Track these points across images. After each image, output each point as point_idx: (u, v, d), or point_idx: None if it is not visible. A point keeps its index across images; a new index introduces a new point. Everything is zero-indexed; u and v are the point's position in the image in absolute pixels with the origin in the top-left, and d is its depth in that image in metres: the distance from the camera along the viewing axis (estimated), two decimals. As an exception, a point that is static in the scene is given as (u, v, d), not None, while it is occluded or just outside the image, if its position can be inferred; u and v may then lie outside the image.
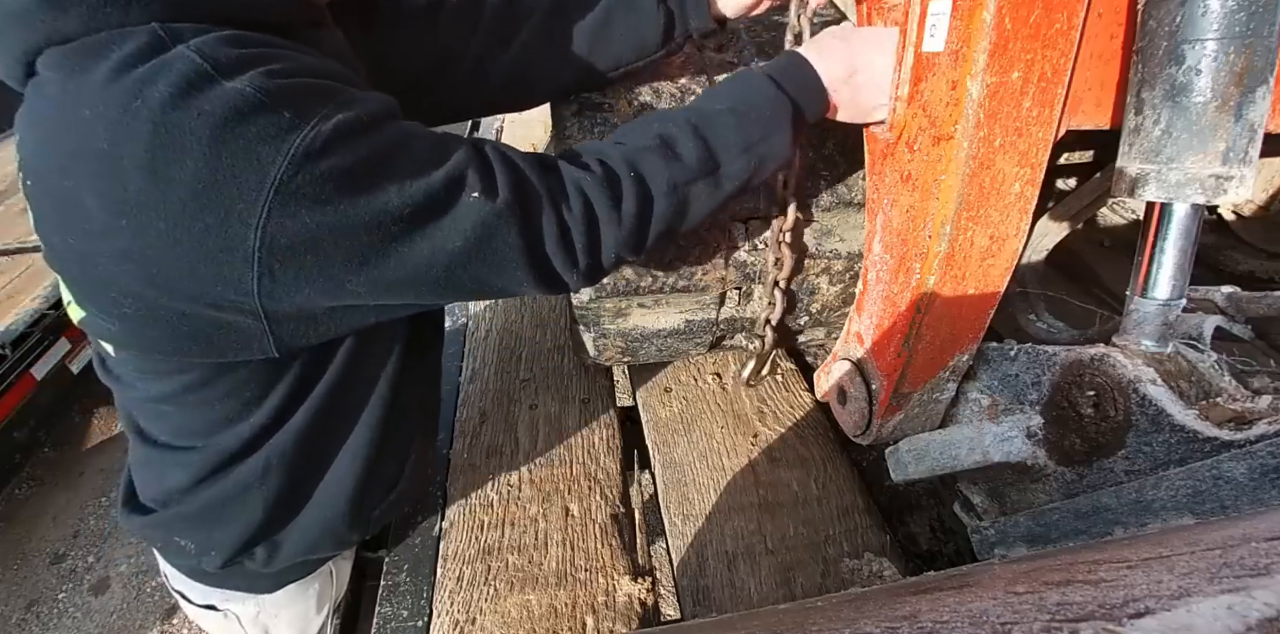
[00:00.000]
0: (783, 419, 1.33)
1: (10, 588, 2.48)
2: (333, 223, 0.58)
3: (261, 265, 0.58)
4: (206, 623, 1.06)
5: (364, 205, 0.59)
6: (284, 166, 0.55)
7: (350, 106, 0.60)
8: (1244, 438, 0.60)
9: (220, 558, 0.88)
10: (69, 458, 2.98)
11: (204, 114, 0.54)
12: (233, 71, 0.55)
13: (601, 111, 0.99)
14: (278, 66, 0.58)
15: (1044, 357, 0.80)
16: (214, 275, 0.59)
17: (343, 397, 0.82)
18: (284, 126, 0.55)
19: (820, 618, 0.48)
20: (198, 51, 0.55)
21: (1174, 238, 0.70)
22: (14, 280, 2.76)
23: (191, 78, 0.54)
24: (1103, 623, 0.26)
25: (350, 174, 0.58)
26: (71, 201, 0.59)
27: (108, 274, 0.62)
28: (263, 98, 0.55)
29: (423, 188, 0.61)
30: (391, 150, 0.61)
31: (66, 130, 0.57)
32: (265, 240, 0.57)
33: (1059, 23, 0.65)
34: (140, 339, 0.69)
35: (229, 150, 0.54)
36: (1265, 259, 1.45)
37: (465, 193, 0.63)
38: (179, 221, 0.56)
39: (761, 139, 0.74)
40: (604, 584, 1.03)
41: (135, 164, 0.55)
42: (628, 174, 0.70)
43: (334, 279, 0.62)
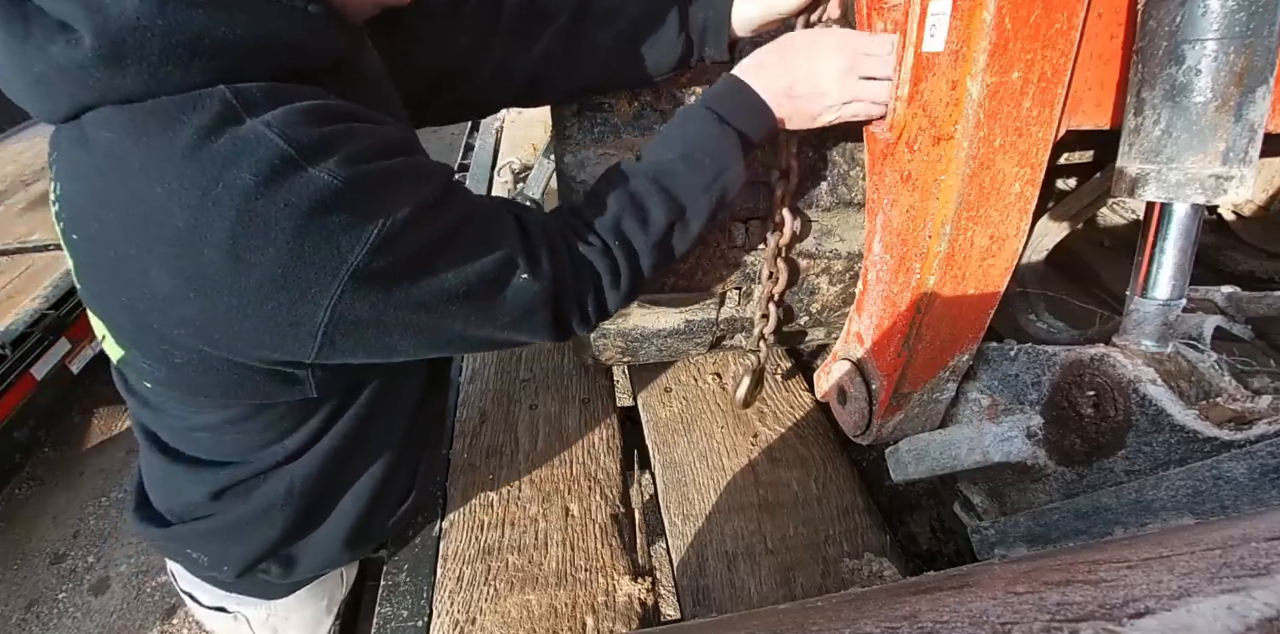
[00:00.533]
0: (783, 419, 1.33)
1: (10, 588, 2.47)
2: (397, 302, 0.62)
3: (325, 337, 0.61)
4: (214, 624, 1.06)
5: (425, 287, 0.62)
6: (362, 255, 0.57)
7: (419, 187, 0.63)
8: (1244, 438, 0.60)
9: (234, 572, 0.88)
10: (69, 458, 2.98)
11: (290, 205, 0.55)
12: (315, 157, 0.56)
13: (601, 111, 0.99)
14: (356, 148, 0.59)
15: (1044, 357, 0.80)
16: (277, 344, 0.62)
17: (370, 422, 0.85)
18: (364, 216, 0.57)
19: (820, 618, 0.48)
20: (280, 134, 0.55)
21: (1174, 238, 0.70)
22: (14, 280, 2.75)
23: (275, 164, 0.54)
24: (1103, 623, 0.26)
25: (417, 259, 0.61)
26: (133, 266, 0.59)
27: (164, 331, 0.63)
28: (345, 188, 0.56)
29: (477, 270, 0.65)
30: (452, 234, 0.64)
31: (133, 199, 0.56)
32: (334, 318, 0.60)
33: (1059, 23, 0.65)
34: (187, 382, 0.71)
35: (311, 240, 0.56)
36: (1265, 259, 1.45)
37: (515, 275, 0.68)
38: (253, 300, 0.58)
39: (716, 176, 0.79)
40: (604, 584, 1.03)
41: (215, 247, 0.55)
42: (615, 242, 0.76)
43: (388, 346, 0.66)
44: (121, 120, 0.56)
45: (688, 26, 0.90)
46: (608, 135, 0.97)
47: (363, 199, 0.58)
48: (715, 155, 0.78)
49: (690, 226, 0.80)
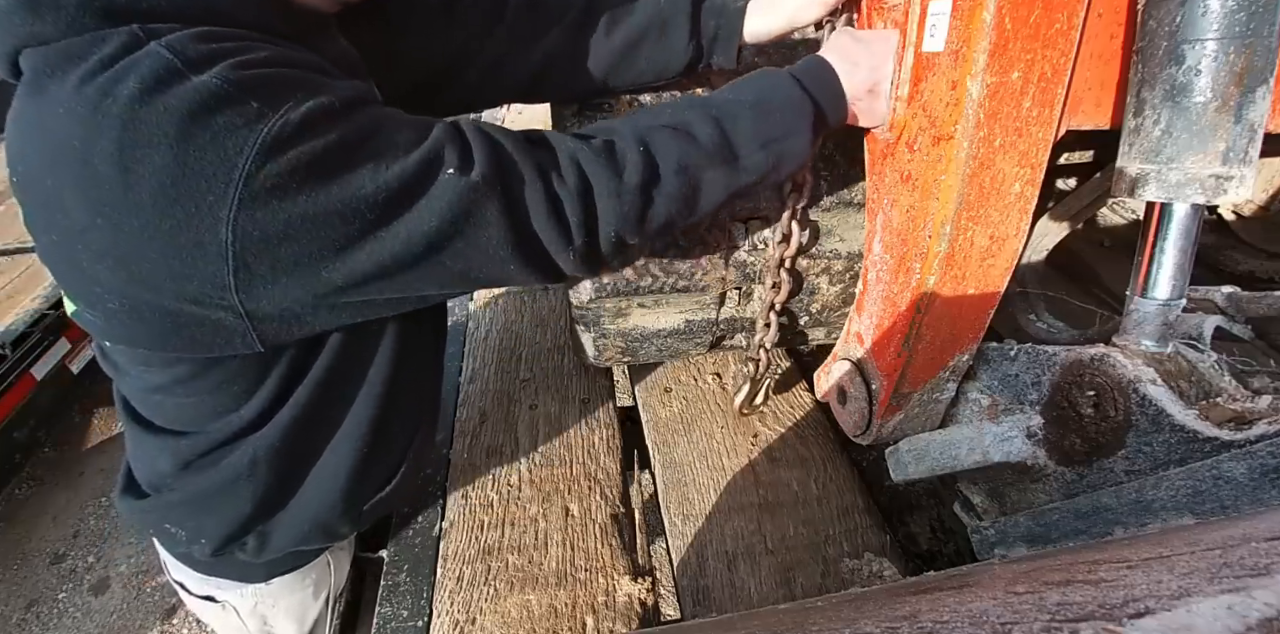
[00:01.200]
0: (783, 419, 1.33)
1: (10, 588, 2.48)
2: (305, 212, 0.57)
3: (236, 259, 0.57)
4: (206, 615, 1.06)
5: (336, 192, 0.58)
6: (251, 157, 0.54)
7: (320, 93, 0.59)
8: (1244, 438, 0.60)
9: (210, 546, 0.88)
10: (69, 458, 2.98)
11: (170, 108, 0.53)
12: (202, 65, 0.55)
13: (601, 111, 0.99)
14: (248, 57, 0.57)
15: (1044, 357, 0.80)
16: (190, 271, 0.58)
17: (332, 392, 0.82)
18: (251, 117, 0.54)
19: (820, 618, 0.48)
20: (168, 47, 0.55)
21: (1174, 238, 0.70)
22: (14, 280, 2.76)
23: (160, 73, 0.54)
24: (1103, 623, 0.26)
25: (320, 162, 0.57)
26: (54, 200, 0.59)
27: (91, 271, 0.61)
28: (229, 89, 0.54)
29: (396, 171, 0.59)
30: (363, 136, 0.60)
31: (44, 130, 0.57)
32: (237, 233, 0.56)
33: (1059, 23, 0.65)
34: (126, 334, 0.68)
35: (195, 144, 0.54)
36: (1265, 259, 1.45)
37: (441, 170, 0.61)
38: (150, 218, 0.56)
39: (781, 136, 0.73)
40: (604, 584, 1.03)
41: (105, 161, 0.54)
42: (635, 147, 0.68)
43: (311, 270, 0.61)
44: (39, 59, 0.58)
45: (699, 34, 0.89)
46: (608, 135, 0.97)
47: (250, 99, 0.55)
48: (786, 116, 0.73)
49: (734, 177, 0.72)
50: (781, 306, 1.07)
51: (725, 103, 0.73)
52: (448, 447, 1.29)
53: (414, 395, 0.96)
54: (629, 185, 0.67)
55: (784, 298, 1.05)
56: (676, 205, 0.70)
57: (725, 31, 0.89)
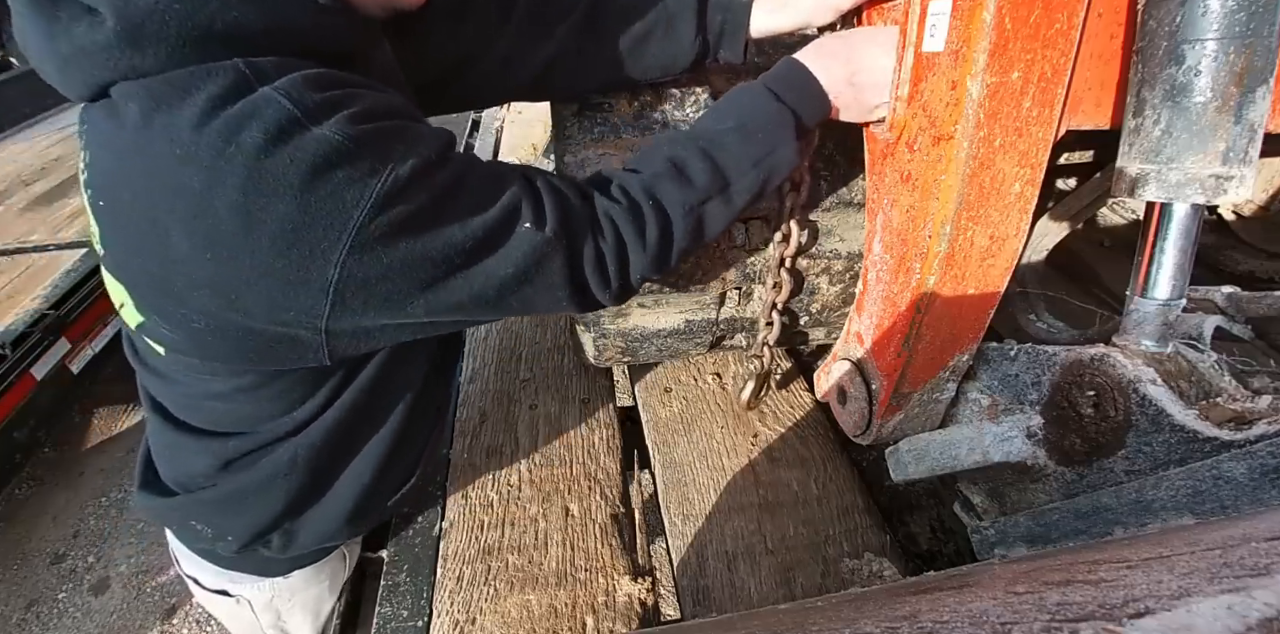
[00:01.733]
0: (783, 419, 1.33)
1: (10, 588, 2.47)
2: (404, 257, 0.63)
3: (335, 294, 0.63)
4: (217, 608, 1.07)
5: (431, 240, 0.63)
6: (366, 209, 0.59)
7: (419, 145, 0.64)
8: (1244, 438, 0.60)
9: (236, 544, 0.89)
10: (69, 458, 2.97)
11: (296, 161, 0.57)
12: (320, 116, 0.58)
13: (601, 111, 0.99)
14: (358, 109, 0.61)
15: (1044, 357, 0.80)
16: (290, 303, 0.63)
17: (376, 395, 0.86)
18: (366, 171, 0.59)
19: (820, 618, 0.48)
20: (286, 96, 0.58)
21: (1174, 238, 0.70)
22: (14, 280, 2.75)
23: (283, 124, 0.57)
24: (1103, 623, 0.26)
25: (421, 213, 0.63)
26: (155, 230, 0.61)
27: (183, 295, 0.65)
28: (348, 144, 0.58)
29: (482, 222, 0.66)
30: (455, 187, 0.66)
31: (154, 165, 0.59)
32: (343, 274, 0.61)
33: (1059, 23, 0.65)
34: (203, 349, 0.72)
35: (317, 195, 0.58)
36: (1265, 259, 1.45)
37: (518, 223, 0.68)
38: (265, 258, 0.60)
39: (768, 153, 0.77)
40: (604, 584, 1.03)
41: (228, 206, 0.58)
42: (647, 202, 0.75)
43: (398, 305, 0.67)
44: (142, 92, 0.59)
45: (705, 29, 0.90)
46: (608, 135, 0.97)
47: (365, 154, 0.59)
48: (769, 132, 0.77)
49: (732, 202, 0.79)
50: (783, 306, 1.07)
51: (711, 133, 0.78)
52: (448, 447, 1.29)
53: (436, 396, 1.00)
54: (650, 240, 0.75)
55: (785, 297, 1.05)
56: (688, 241, 0.78)
57: (731, 26, 0.90)
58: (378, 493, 0.95)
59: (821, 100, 0.79)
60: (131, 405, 3.17)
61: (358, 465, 0.91)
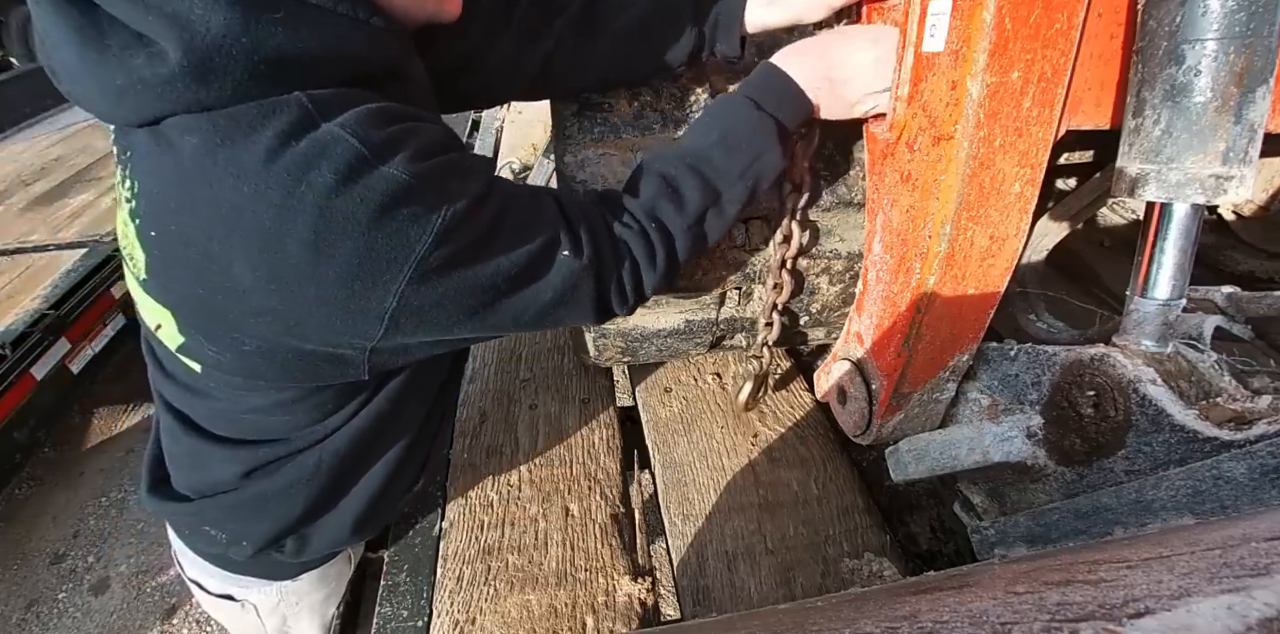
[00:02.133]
0: (783, 419, 1.33)
1: (10, 588, 2.47)
2: (458, 286, 0.67)
3: (390, 321, 0.66)
4: (221, 613, 1.07)
5: (481, 269, 0.67)
6: (428, 244, 0.62)
7: (470, 179, 0.67)
8: (1244, 438, 0.60)
9: (251, 549, 0.90)
10: (69, 458, 2.98)
11: (365, 200, 0.59)
12: (385, 155, 0.60)
13: (601, 111, 0.99)
14: (417, 146, 0.63)
15: (1044, 357, 0.80)
16: (346, 328, 0.67)
17: (399, 402, 0.89)
18: (428, 208, 0.62)
19: (820, 618, 0.48)
20: (354, 134, 0.59)
21: (1174, 238, 0.70)
22: (14, 280, 2.75)
23: (353, 163, 0.58)
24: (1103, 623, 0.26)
25: (474, 244, 0.66)
26: (216, 263, 0.62)
27: (239, 321, 0.67)
28: (413, 182, 0.61)
29: (527, 251, 0.70)
30: (502, 217, 0.69)
31: (217, 200, 0.60)
32: (401, 303, 0.64)
33: (1059, 23, 0.65)
34: (250, 369, 0.74)
35: (384, 232, 0.60)
36: (1265, 259, 1.45)
37: (558, 251, 0.72)
38: (329, 290, 0.62)
39: (753, 161, 0.80)
40: (604, 584, 1.03)
41: (298, 242, 0.59)
42: (651, 225, 0.79)
43: (446, 327, 0.71)
44: (204, 126, 0.59)
45: (701, 21, 0.91)
46: (608, 135, 0.97)
47: (427, 193, 0.62)
48: (751, 141, 0.80)
49: (726, 211, 0.82)
50: (783, 306, 1.07)
51: (697, 149, 0.81)
52: (448, 447, 1.29)
53: (447, 401, 1.04)
54: (660, 260, 0.80)
55: (786, 298, 1.05)
56: (690, 253, 0.83)
57: (726, 19, 0.90)
58: (388, 497, 0.96)
59: (800, 100, 0.81)
60: (131, 405, 3.17)
61: (374, 471, 0.92)
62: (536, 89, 0.97)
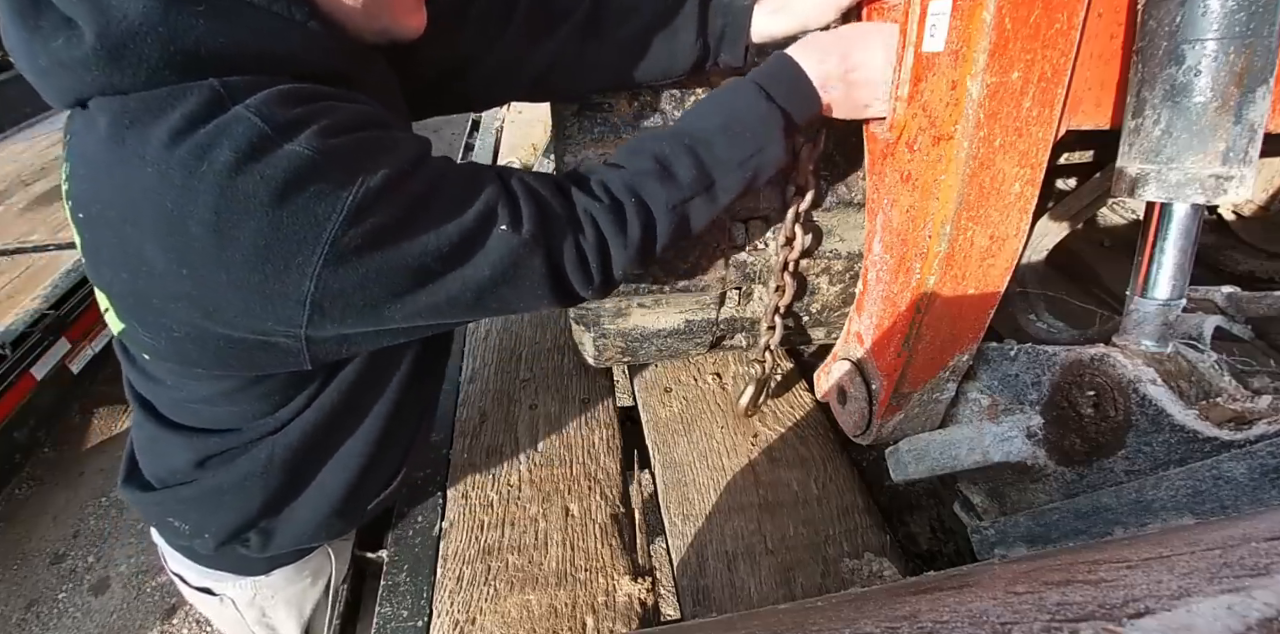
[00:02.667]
0: (783, 419, 1.33)
1: (10, 588, 2.47)
2: (380, 266, 0.63)
3: (313, 306, 0.63)
4: (203, 606, 1.07)
5: (406, 248, 0.64)
6: (339, 223, 0.59)
7: (390, 155, 0.64)
8: (1244, 438, 0.60)
9: (214, 541, 0.89)
10: (69, 458, 2.98)
11: (266, 178, 0.57)
12: (290, 132, 0.58)
13: (601, 111, 0.99)
14: (328, 122, 0.61)
15: (1044, 357, 0.80)
16: (267, 314, 0.64)
17: (354, 396, 0.86)
18: (337, 185, 0.59)
19: (820, 618, 0.48)
20: (256, 113, 0.58)
21: (1174, 238, 0.70)
22: (14, 280, 2.75)
23: (254, 141, 0.57)
24: (1103, 623, 0.26)
25: (394, 223, 0.63)
26: (130, 246, 0.61)
27: (161, 306, 0.66)
28: (318, 158, 0.58)
29: (456, 227, 0.66)
30: (428, 195, 0.66)
31: (128, 182, 0.59)
32: (319, 286, 0.61)
33: (1059, 23, 0.65)
34: (184, 355, 0.72)
35: (289, 210, 0.58)
36: (1265, 259, 1.45)
37: (494, 226, 0.68)
38: (239, 273, 0.60)
39: (755, 152, 0.78)
40: (604, 584, 1.03)
41: (200, 224, 0.58)
42: (629, 199, 0.74)
43: (376, 311, 0.67)
44: (116, 108, 0.59)
45: (705, 32, 0.90)
46: (608, 135, 0.97)
47: (335, 169, 0.59)
48: (756, 132, 0.77)
49: (717, 200, 0.79)
50: (786, 309, 1.07)
51: (698, 131, 0.78)
52: (448, 447, 1.29)
53: (419, 398, 0.99)
54: (633, 237, 0.75)
55: (788, 300, 1.05)
56: (670, 237, 0.78)
57: (732, 30, 0.90)
58: (357, 494, 0.95)
59: (812, 97, 0.79)
60: (131, 405, 3.16)
61: (336, 466, 0.91)
62: (536, 93, 0.97)
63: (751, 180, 0.80)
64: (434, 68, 0.91)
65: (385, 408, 0.91)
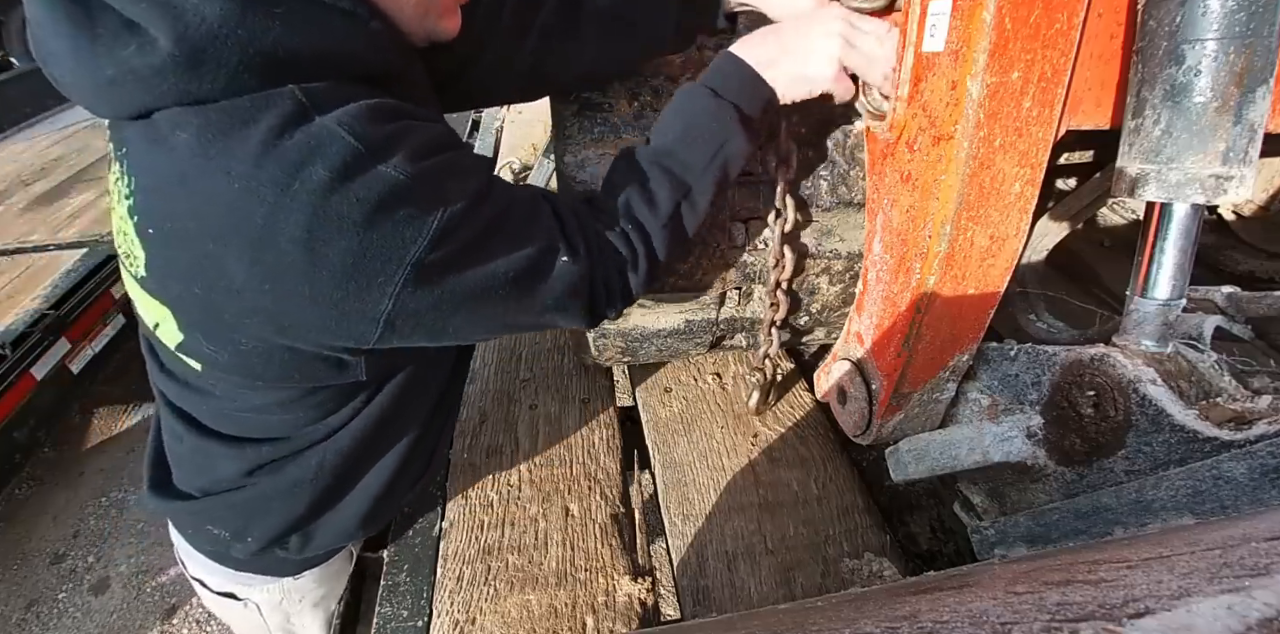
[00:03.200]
0: (783, 419, 1.33)
1: (10, 588, 2.47)
2: (455, 289, 0.65)
3: (387, 324, 0.64)
4: (224, 611, 1.07)
5: (480, 272, 0.66)
6: (424, 246, 0.61)
7: (468, 180, 0.66)
8: (1244, 438, 0.60)
9: (256, 545, 0.90)
10: (69, 458, 2.98)
11: (361, 199, 0.58)
12: (382, 153, 0.59)
13: (601, 111, 0.99)
14: (417, 144, 0.62)
15: (1044, 357, 0.80)
16: (341, 330, 0.65)
17: (403, 401, 0.88)
18: (425, 208, 0.61)
19: (820, 618, 0.48)
20: (350, 131, 0.58)
21: (1174, 238, 0.70)
22: (14, 280, 2.75)
23: (348, 161, 0.57)
24: (1103, 623, 0.26)
25: (472, 247, 0.65)
26: (211, 260, 0.61)
27: (234, 320, 0.66)
28: (409, 182, 0.59)
29: (525, 255, 0.69)
30: (500, 220, 0.68)
31: (211, 196, 0.58)
32: (397, 305, 0.63)
33: (1059, 23, 0.65)
34: (247, 369, 0.73)
35: (379, 232, 0.59)
36: (1265, 259, 1.45)
37: (558, 256, 0.72)
38: (324, 289, 0.61)
39: (717, 149, 0.80)
40: (604, 584, 1.03)
41: (291, 240, 0.58)
42: (629, 226, 0.79)
43: (441, 330, 0.69)
44: (196, 120, 0.58)
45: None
46: (608, 135, 0.97)
47: (424, 193, 0.61)
48: (713, 131, 0.80)
49: (698, 204, 0.82)
50: (789, 285, 1.06)
51: (662, 146, 0.81)
52: (448, 447, 1.29)
53: (452, 397, 1.03)
54: (641, 263, 0.80)
55: (783, 315, 1.07)
56: (669, 251, 0.82)
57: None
58: (393, 493, 0.96)
59: (757, 84, 0.81)
60: (131, 405, 3.17)
61: (379, 469, 0.92)
62: (531, 88, 0.97)
63: (724, 175, 0.82)
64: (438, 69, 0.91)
65: (426, 410, 0.94)
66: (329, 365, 0.73)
